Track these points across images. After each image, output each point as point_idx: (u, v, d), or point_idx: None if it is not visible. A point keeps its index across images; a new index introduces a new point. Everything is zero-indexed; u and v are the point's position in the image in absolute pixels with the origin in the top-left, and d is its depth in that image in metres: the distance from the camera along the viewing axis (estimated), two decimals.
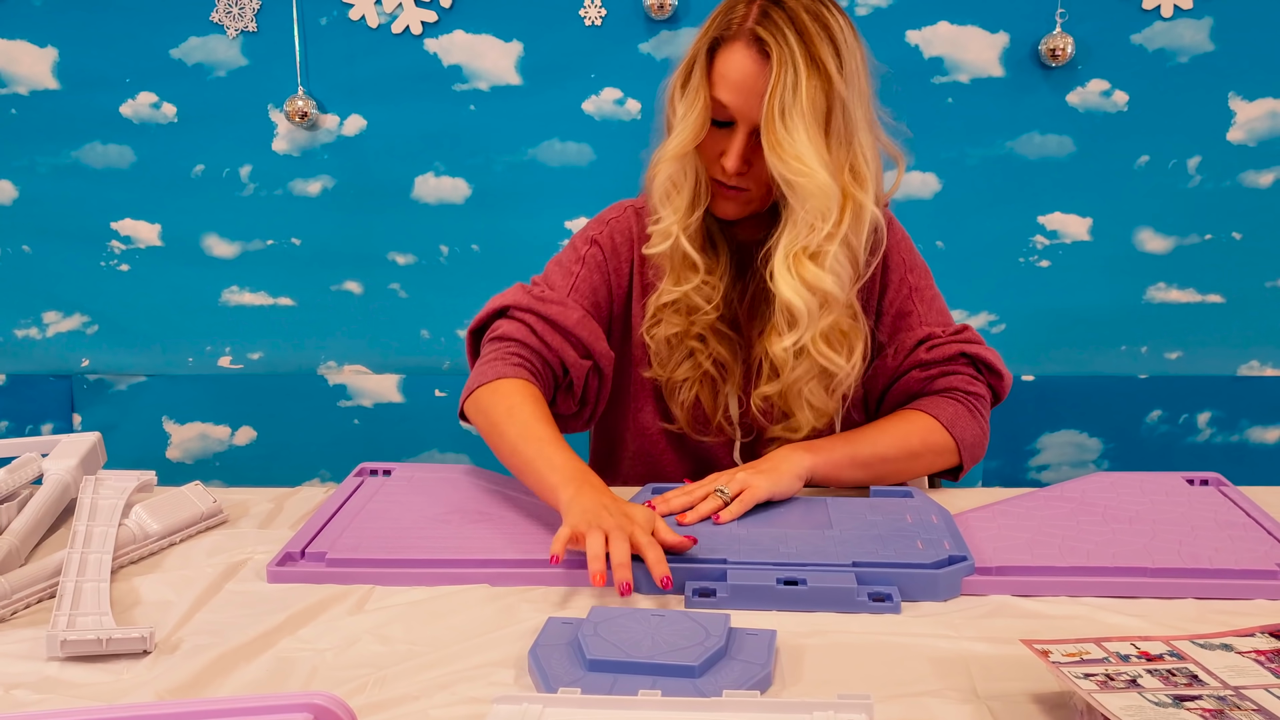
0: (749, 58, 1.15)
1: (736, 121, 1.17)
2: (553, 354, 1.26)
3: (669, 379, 1.31)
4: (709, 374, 1.30)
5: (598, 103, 2.05)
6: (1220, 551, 1.02)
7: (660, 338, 1.28)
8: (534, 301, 1.27)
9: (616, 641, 0.83)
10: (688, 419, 1.32)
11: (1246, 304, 2.09)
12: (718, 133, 1.19)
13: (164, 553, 1.09)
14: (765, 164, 1.16)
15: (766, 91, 1.13)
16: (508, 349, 1.25)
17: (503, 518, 1.13)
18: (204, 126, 2.09)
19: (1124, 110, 2.01)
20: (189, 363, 2.19)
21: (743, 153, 1.18)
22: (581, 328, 1.26)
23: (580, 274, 1.30)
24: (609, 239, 1.32)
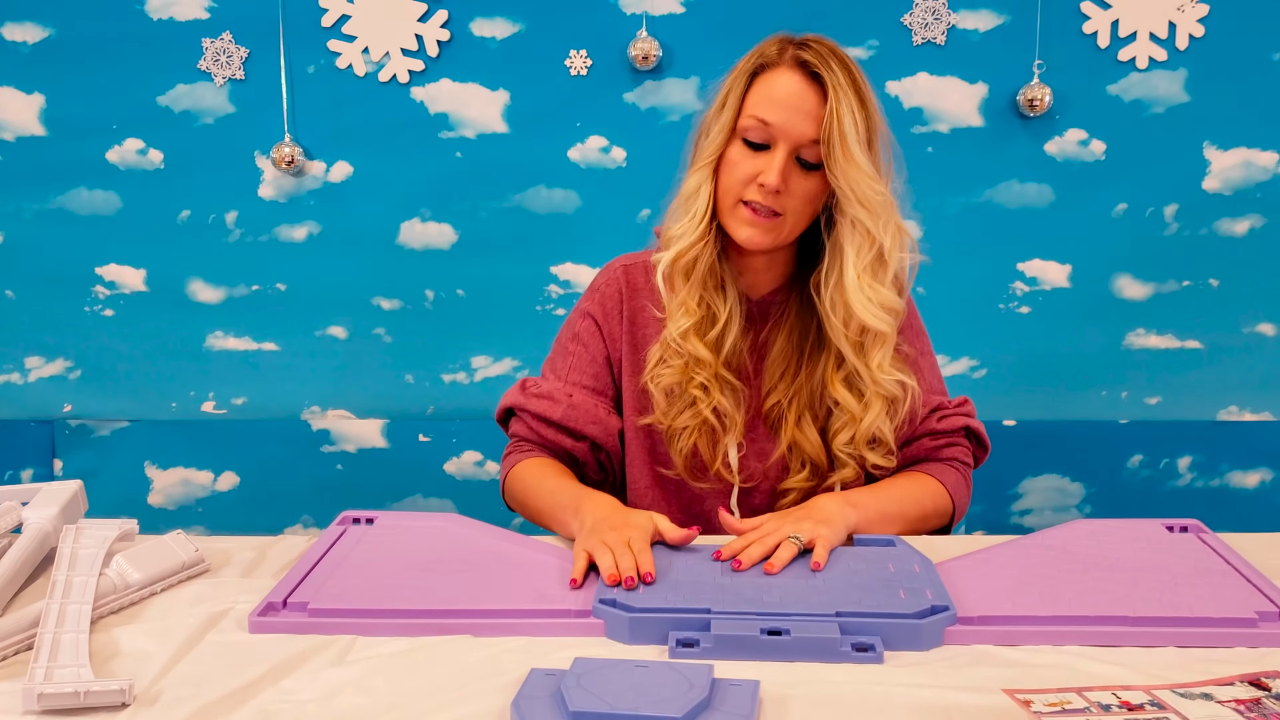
0: (796, 79, 1.22)
1: (776, 142, 1.22)
2: (552, 444, 1.36)
3: (669, 426, 1.33)
4: (709, 423, 1.32)
5: (583, 150, 2.07)
6: (1200, 599, 1.03)
7: (663, 385, 1.31)
8: (527, 400, 1.37)
9: (600, 693, 0.83)
10: (685, 466, 1.34)
11: (1224, 350, 2.12)
12: (753, 155, 1.23)
13: (145, 603, 1.08)
14: (802, 187, 1.23)
15: (823, 112, 1.20)
16: (520, 446, 1.39)
17: (486, 567, 1.12)
18: (191, 173, 2.10)
19: (1101, 159, 2.05)
20: (172, 408, 2.18)
21: (783, 171, 1.22)
22: (568, 417, 1.35)
23: (577, 353, 1.38)
24: (600, 306, 1.38)
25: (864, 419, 1.28)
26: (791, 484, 1.34)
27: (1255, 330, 2.11)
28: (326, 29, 2.04)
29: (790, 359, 1.35)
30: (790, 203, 1.24)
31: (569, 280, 2.12)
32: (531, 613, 1.02)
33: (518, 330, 2.14)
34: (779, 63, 1.24)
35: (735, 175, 1.24)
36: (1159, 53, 2.00)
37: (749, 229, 1.25)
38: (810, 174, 1.24)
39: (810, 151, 1.23)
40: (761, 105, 1.23)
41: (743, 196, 1.24)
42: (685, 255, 1.27)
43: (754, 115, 1.23)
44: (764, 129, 1.22)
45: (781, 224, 1.25)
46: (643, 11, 2.01)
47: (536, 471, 1.33)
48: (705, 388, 1.30)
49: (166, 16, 2.04)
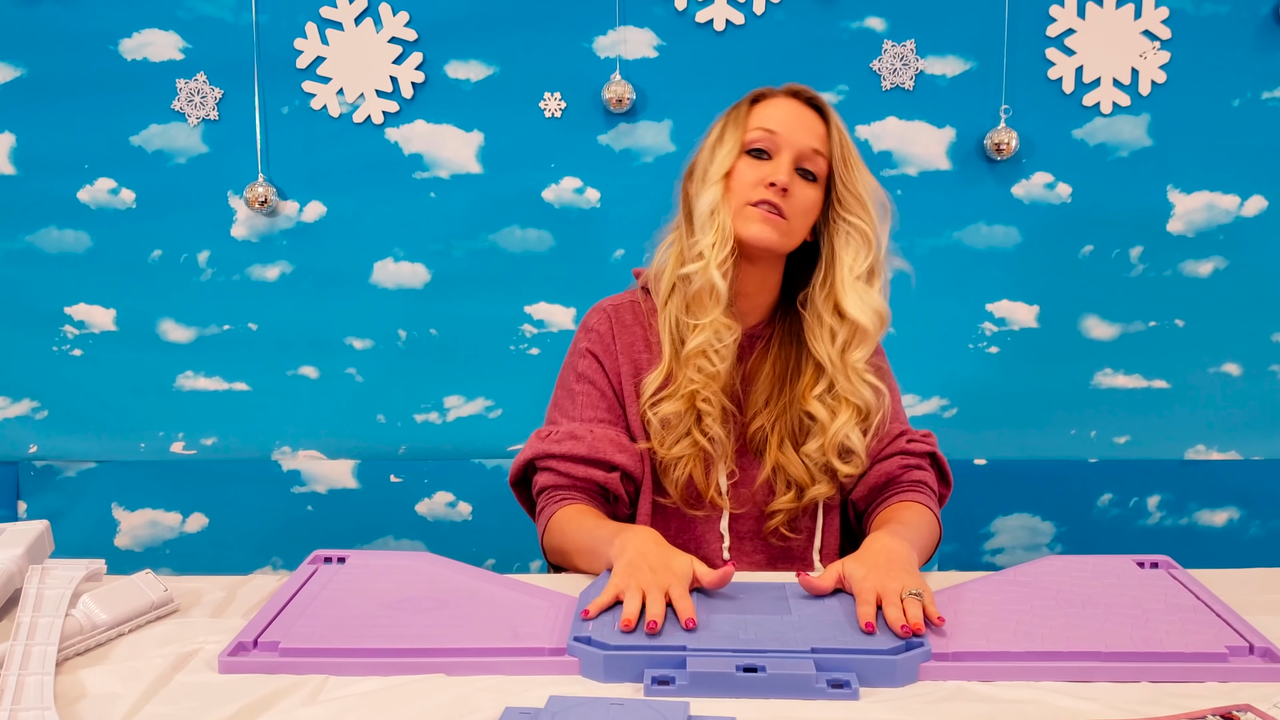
0: (794, 102, 1.34)
1: (779, 150, 1.31)
2: (585, 483, 1.35)
3: (665, 456, 1.35)
4: (704, 451, 1.35)
5: (557, 191, 2.09)
6: (1171, 634, 1.04)
7: (664, 414, 1.34)
8: (550, 446, 1.36)
9: None
10: (681, 495, 1.37)
11: (1191, 389, 2.15)
12: (756, 164, 1.31)
13: (112, 643, 1.07)
14: (804, 195, 1.31)
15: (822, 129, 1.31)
16: (551, 496, 1.37)
17: (459, 605, 1.12)
18: (163, 212, 2.09)
19: (1067, 202, 2.08)
20: (141, 448, 2.16)
21: (790, 172, 1.30)
22: (596, 449, 1.34)
23: (583, 391, 1.39)
24: (598, 343, 1.40)
25: (833, 426, 1.33)
26: (778, 505, 1.37)
27: (1221, 370, 2.15)
28: (301, 70, 2.05)
29: (774, 385, 1.39)
30: (791, 207, 1.30)
31: (543, 320, 2.12)
32: (505, 650, 1.01)
33: (491, 370, 2.14)
34: (776, 93, 1.35)
35: (743, 181, 1.31)
36: (1123, 98, 2.04)
37: (758, 224, 1.30)
38: (810, 185, 1.32)
39: (813, 163, 1.31)
40: (766, 119, 1.32)
41: (750, 199, 1.30)
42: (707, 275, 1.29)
43: (760, 127, 1.31)
44: (770, 137, 1.31)
45: (787, 225, 1.31)
46: (616, 56, 2.03)
47: (574, 516, 1.32)
48: (701, 417, 1.33)
49: (140, 57, 2.04)
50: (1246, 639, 1.03)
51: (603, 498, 1.37)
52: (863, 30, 2.03)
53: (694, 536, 1.39)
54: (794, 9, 2.02)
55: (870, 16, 2.03)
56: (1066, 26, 2.02)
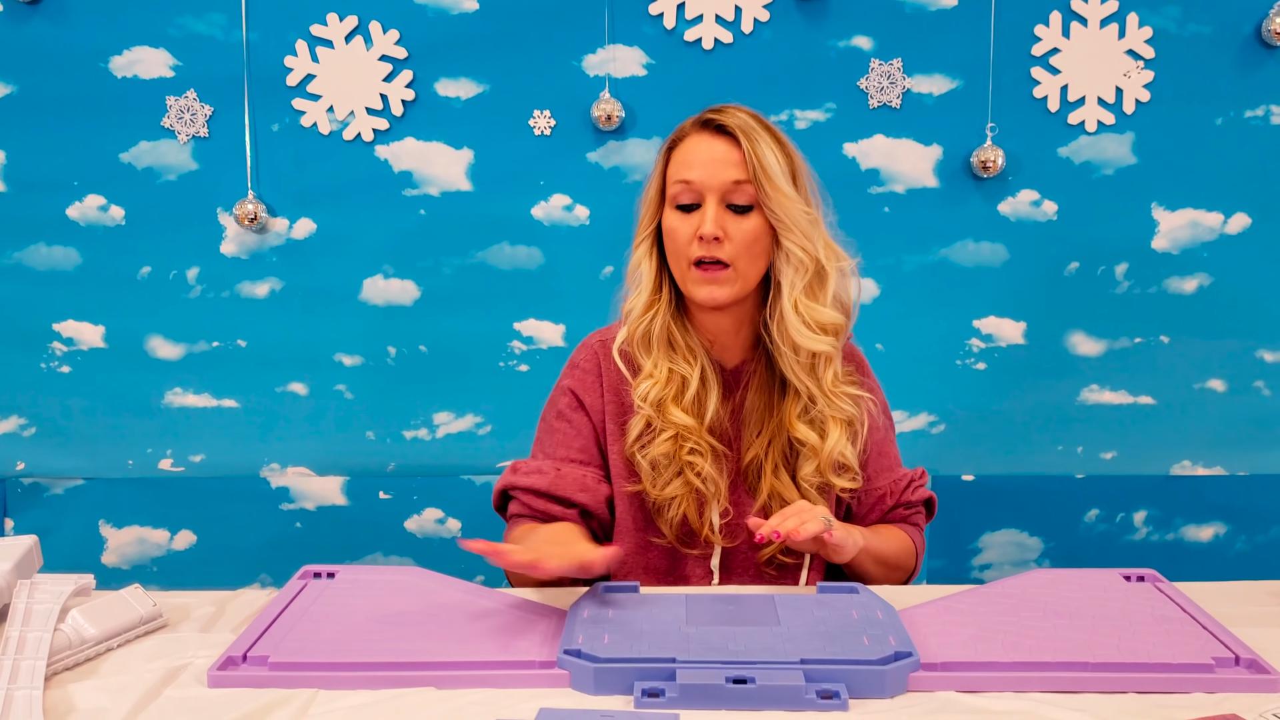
0: (705, 137, 1.32)
1: (704, 195, 1.30)
2: (542, 515, 1.37)
3: (657, 497, 1.35)
4: (696, 490, 1.35)
5: (547, 208, 2.10)
6: (1158, 646, 1.04)
7: (651, 456, 1.34)
8: (518, 479, 1.39)
9: None
10: (675, 535, 1.37)
11: (1177, 405, 2.16)
12: (688, 217, 1.31)
13: (101, 658, 1.06)
14: (741, 230, 1.29)
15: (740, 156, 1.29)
16: (514, 522, 1.40)
17: (449, 619, 1.12)
18: (152, 229, 2.09)
19: (1053, 219, 2.10)
20: (129, 465, 2.15)
21: (717, 219, 1.28)
22: (556, 486, 1.36)
23: (562, 429, 1.40)
24: (580, 382, 1.41)
25: (825, 446, 1.34)
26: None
27: (1206, 386, 2.16)
28: (291, 88, 2.05)
29: (763, 413, 1.39)
30: (734, 248, 1.29)
31: (532, 336, 2.13)
32: (495, 664, 1.01)
33: (480, 387, 2.14)
34: (689, 132, 1.34)
35: (678, 240, 1.31)
36: (1107, 117, 2.06)
37: (705, 287, 1.31)
38: (745, 216, 1.30)
39: (739, 194, 1.30)
40: (681, 169, 1.31)
41: (691, 258, 1.30)
42: (639, 325, 1.35)
43: (678, 180, 1.31)
44: (689, 189, 1.30)
45: (733, 274, 1.30)
46: (606, 74, 2.05)
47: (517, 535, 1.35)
48: (697, 453, 1.34)
49: (131, 74, 2.05)
50: (1232, 650, 1.04)
51: None
52: (850, 49, 2.05)
53: (684, 574, 1.39)
54: (782, 28, 2.04)
55: (857, 35, 2.05)
56: (1051, 46, 2.05)
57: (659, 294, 1.35)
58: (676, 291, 1.36)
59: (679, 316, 1.37)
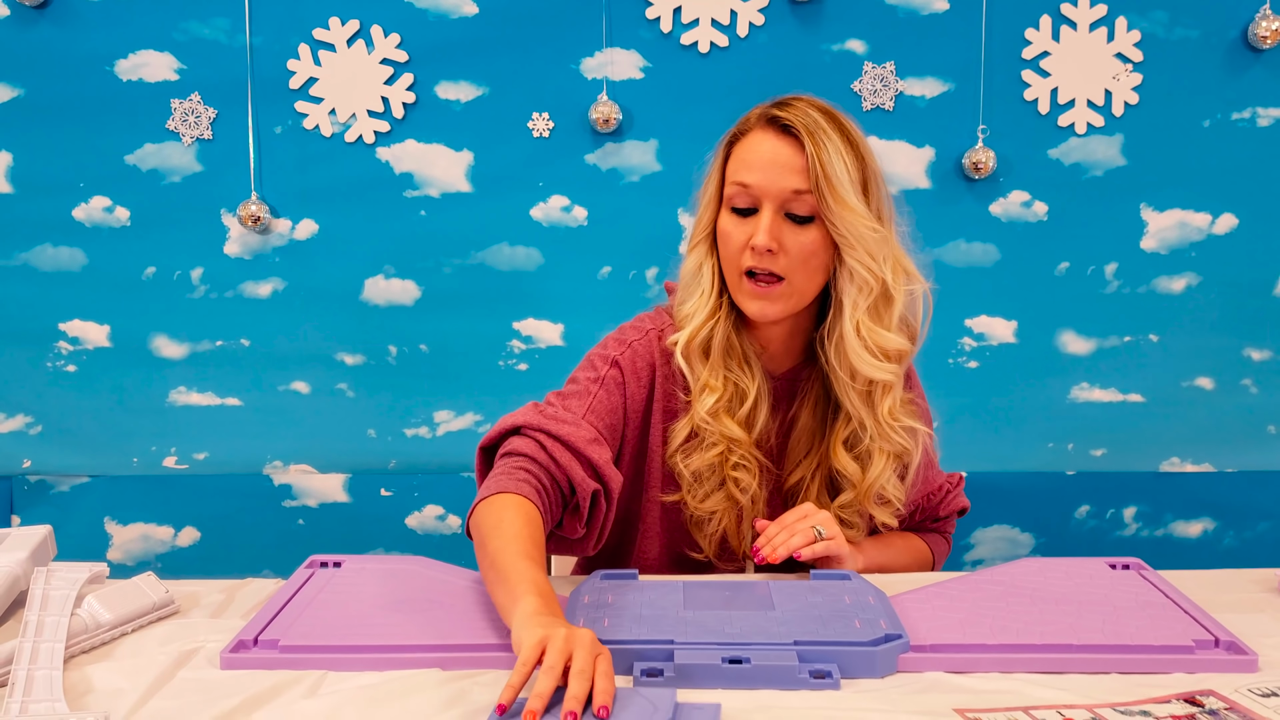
0: (769, 136, 1.22)
1: (760, 201, 1.22)
2: (560, 471, 1.20)
3: (697, 510, 1.30)
4: (740, 505, 1.30)
5: (545, 209, 2.13)
6: (1141, 629, 1.08)
7: (694, 466, 1.28)
8: (546, 420, 1.22)
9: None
10: (714, 550, 1.33)
11: (1165, 403, 2.20)
12: (744, 222, 1.23)
13: (116, 642, 1.09)
14: (799, 243, 1.21)
15: (803, 162, 1.19)
16: (515, 464, 1.19)
17: (454, 605, 1.15)
18: (157, 230, 2.13)
19: (1044, 220, 2.14)
20: (134, 463, 2.18)
21: (772, 229, 1.21)
22: (592, 449, 1.21)
23: (598, 395, 1.27)
24: (630, 361, 1.29)
25: (867, 478, 1.29)
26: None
27: (1194, 384, 2.20)
28: (294, 91, 2.09)
29: (815, 434, 1.33)
30: (789, 262, 1.22)
31: (531, 336, 2.16)
32: (500, 646, 1.04)
33: (480, 385, 2.18)
34: (753, 127, 1.25)
35: (731, 246, 1.24)
36: (1096, 119, 2.10)
37: (756, 302, 1.24)
38: (804, 228, 1.22)
39: (799, 204, 1.21)
40: (740, 170, 1.23)
41: (742, 267, 1.23)
42: (699, 333, 1.27)
43: (735, 181, 1.23)
44: (746, 192, 1.22)
45: (788, 289, 1.23)
46: (603, 77, 2.08)
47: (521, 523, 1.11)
48: (744, 467, 1.28)
49: (136, 78, 2.08)
50: (1213, 633, 1.07)
51: (563, 497, 1.22)
52: (844, 52, 2.09)
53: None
54: (776, 32, 2.08)
55: (851, 39, 2.09)
56: (1041, 49, 2.09)
57: (721, 299, 1.27)
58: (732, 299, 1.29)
59: (738, 324, 1.30)
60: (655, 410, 1.31)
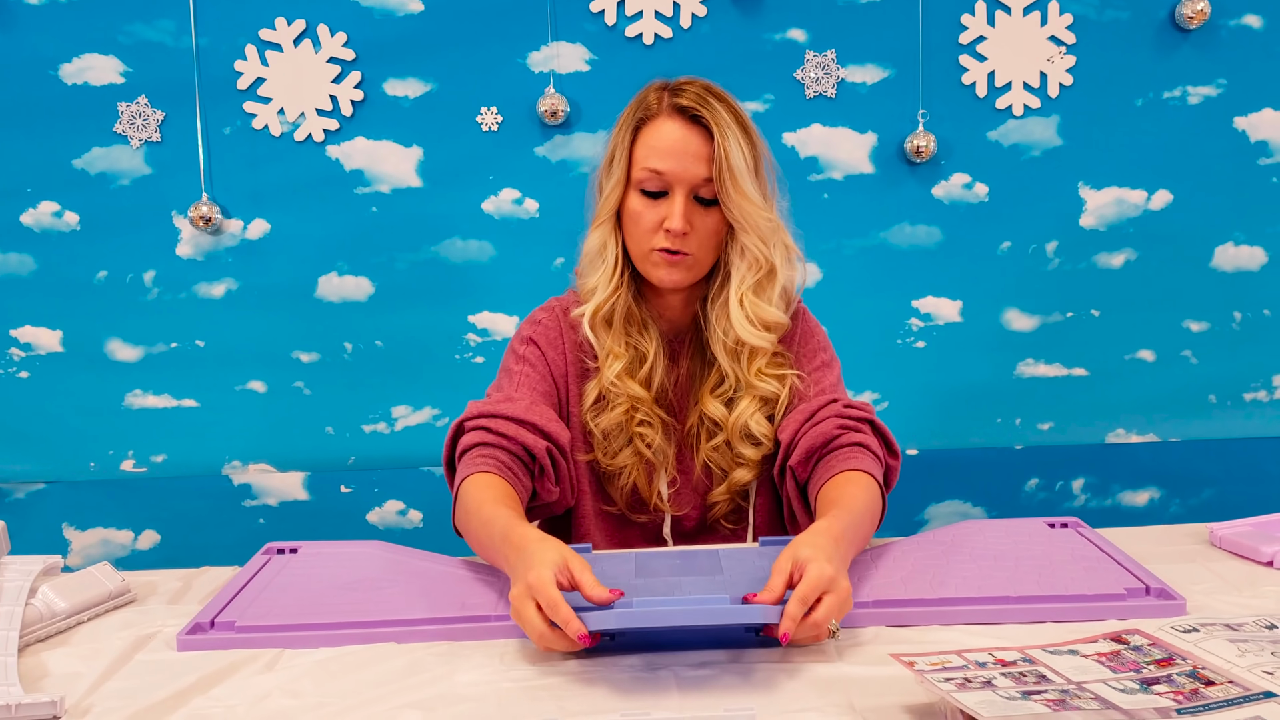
0: (679, 125, 1.30)
1: (672, 187, 1.30)
2: (511, 443, 1.28)
3: (608, 466, 1.38)
4: (647, 459, 1.38)
5: (497, 202, 2.15)
6: (1076, 580, 1.12)
7: (603, 425, 1.36)
8: (482, 407, 1.32)
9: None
10: (626, 502, 1.40)
11: (1109, 376, 2.25)
12: (653, 204, 1.31)
13: (72, 630, 1.10)
14: (705, 224, 1.31)
15: (711, 151, 1.28)
16: (474, 455, 1.27)
17: (408, 583, 1.17)
18: (107, 234, 2.12)
19: (985, 201, 2.18)
20: (91, 467, 2.18)
21: (686, 214, 1.29)
22: (530, 413, 1.30)
23: (524, 371, 1.37)
24: (544, 335, 1.40)
25: (730, 417, 1.36)
26: (715, 497, 1.41)
27: (1136, 357, 2.25)
28: (242, 91, 2.10)
29: (698, 384, 1.41)
30: (697, 240, 1.31)
31: (487, 329, 2.18)
32: (453, 619, 1.06)
33: (437, 380, 2.19)
34: (659, 112, 1.32)
35: (642, 226, 1.32)
36: (1033, 101, 2.15)
37: (665, 270, 1.32)
38: (710, 210, 1.31)
39: (706, 189, 1.30)
40: (651, 156, 1.30)
41: (654, 245, 1.31)
42: (604, 307, 1.36)
43: (646, 167, 1.30)
44: (658, 178, 1.30)
45: (693, 261, 1.33)
46: (550, 70, 2.11)
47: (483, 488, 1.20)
48: (647, 424, 1.36)
49: (81, 81, 2.08)
50: (1144, 581, 1.11)
51: (526, 467, 1.29)
52: (786, 41, 2.13)
53: (638, 534, 1.43)
54: (719, 23, 2.11)
55: (792, 28, 2.12)
56: (978, 34, 2.13)
57: (624, 274, 1.36)
58: (633, 267, 1.37)
59: (637, 295, 1.39)
60: (571, 375, 1.40)
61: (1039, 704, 0.78)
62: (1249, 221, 2.21)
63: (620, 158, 1.33)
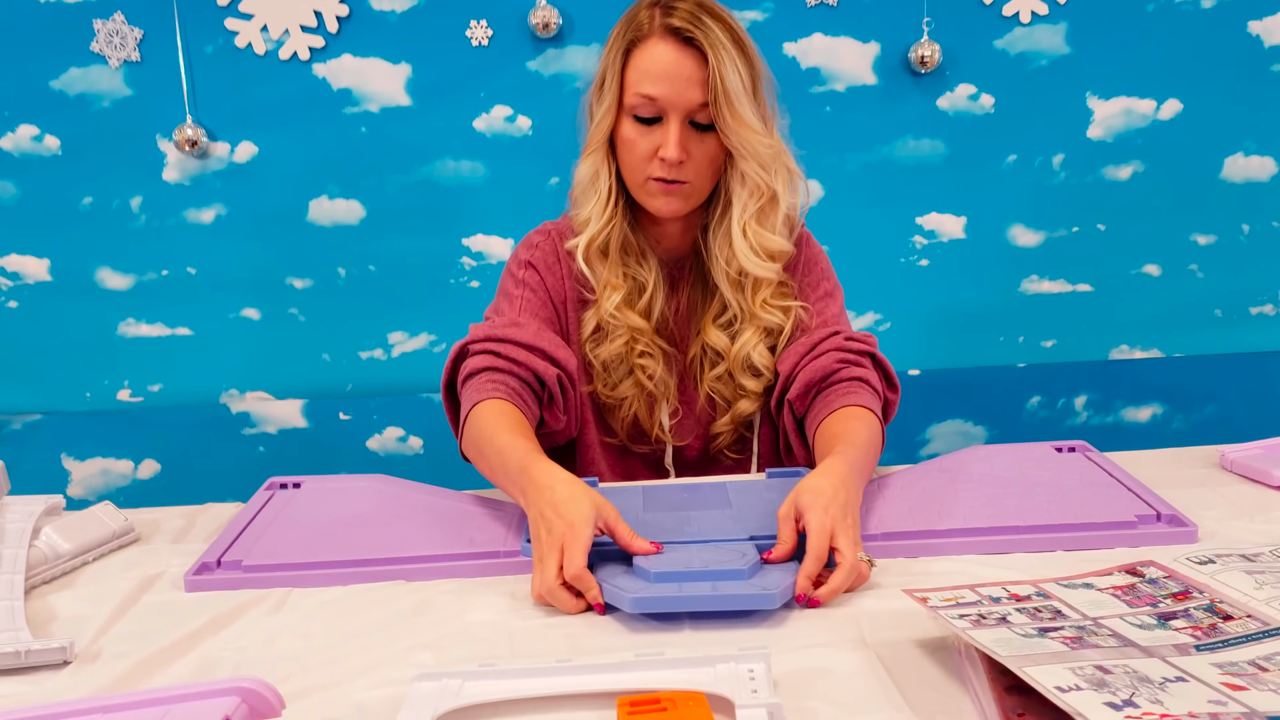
0: (671, 48, 1.23)
1: (666, 113, 1.23)
2: (523, 369, 1.25)
3: (609, 396, 1.36)
4: (648, 391, 1.35)
5: (488, 120, 2.09)
6: (1085, 508, 1.11)
7: (603, 357, 1.34)
8: (488, 330, 1.28)
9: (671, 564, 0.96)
10: (627, 434, 1.38)
11: (1114, 291, 2.23)
12: (648, 130, 1.25)
13: (77, 571, 1.09)
14: (702, 150, 1.25)
15: (707, 75, 1.21)
16: (482, 379, 1.24)
17: (415, 519, 1.16)
18: (90, 158, 2.07)
19: (991, 112, 2.13)
20: (86, 398, 2.16)
21: (681, 141, 1.23)
22: (540, 338, 1.27)
23: (525, 296, 1.33)
24: (542, 259, 1.35)
25: (735, 346, 1.33)
26: (718, 428, 1.39)
27: (1142, 271, 2.23)
28: (223, 8, 2.02)
29: (700, 310, 1.38)
30: (694, 167, 1.26)
31: (481, 252, 2.15)
32: (461, 555, 1.06)
33: (433, 304, 2.16)
34: (650, 33, 1.24)
35: (636, 154, 1.26)
36: (1041, 7, 2.09)
37: (662, 199, 1.27)
38: (707, 135, 1.26)
39: (702, 114, 1.24)
40: (644, 81, 1.23)
41: (649, 174, 1.26)
42: (598, 238, 1.31)
43: (639, 93, 1.23)
44: (652, 104, 1.23)
45: (690, 189, 1.28)
46: None
47: (497, 415, 1.17)
48: (648, 354, 1.34)
49: None
50: (1154, 508, 1.10)
51: (535, 394, 1.27)
52: None
53: (640, 466, 1.41)
54: None
55: None
56: None
57: (618, 203, 1.31)
58: (628, 195, 1.33)
59: (633, 222, 1.35)
60: (570, 303, 1.36)
61: (1056, 641, 0.77)
62: (1260, 130, 2.16)
63: (611, 82, 1.26)
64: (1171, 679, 0.71)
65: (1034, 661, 0.73)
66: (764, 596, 0.91)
